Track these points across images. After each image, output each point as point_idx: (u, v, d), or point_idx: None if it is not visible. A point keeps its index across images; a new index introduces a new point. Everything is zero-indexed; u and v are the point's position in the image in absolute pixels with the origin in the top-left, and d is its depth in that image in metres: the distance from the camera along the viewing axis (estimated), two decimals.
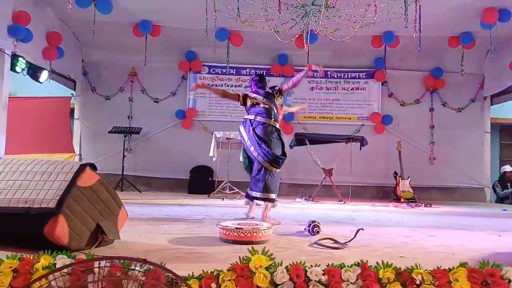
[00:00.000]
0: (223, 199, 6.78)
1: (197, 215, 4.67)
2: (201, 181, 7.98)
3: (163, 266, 1.76)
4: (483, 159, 8.39)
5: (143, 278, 1.86)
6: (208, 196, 7.23)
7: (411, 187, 7.36)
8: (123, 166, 7.68)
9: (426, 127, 8.41)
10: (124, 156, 7.76)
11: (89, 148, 8.33)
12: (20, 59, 5.99)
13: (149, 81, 8.42)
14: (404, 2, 5.24)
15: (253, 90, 4.65)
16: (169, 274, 1.75)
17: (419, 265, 2.07)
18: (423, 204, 6.75)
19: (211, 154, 7.30)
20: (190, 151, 8.12)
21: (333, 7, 5.73)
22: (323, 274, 2.00)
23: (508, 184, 8.47)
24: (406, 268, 2.04)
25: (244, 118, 4.47)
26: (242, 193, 7.30)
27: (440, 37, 7.33)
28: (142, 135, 8.08)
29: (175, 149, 8.17)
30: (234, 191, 7.27)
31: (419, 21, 5.66)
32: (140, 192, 7.64)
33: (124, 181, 7.60)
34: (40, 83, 6.66)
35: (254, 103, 4.46)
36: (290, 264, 2.04)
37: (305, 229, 3.50)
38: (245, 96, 4.58)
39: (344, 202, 6.88)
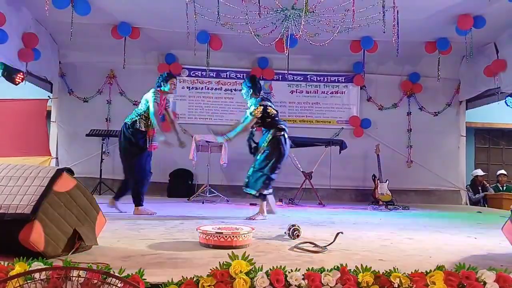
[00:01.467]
0: (203, 203, 6.75)
1: (176, 219, 4.63)
2: (181, 185, 7.94)
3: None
4: (458, 162, 8.57)
5: (122, 285, 1.83)
6: (188, 200, 7.18)
7: (389, 190, 7.46)
8: (101, 170, 7.57)
9: (404, 131, 8.55)
10: (102, 160, 7.65)
11: (66, 151, 8.18)
12: None
13: (128, 83, 8.33)
14: (382, 7, 5.32)
15: (264, 97, 5.02)
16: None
17: (397, 268, 2.10)
18: (401, 207, 6.86)
19: (190, 157, 7.27)
20: (169, 155, 8.01)
21: (313, 11, 5.78)
22: (303, 279, 2.01)
23: (480, 188, 8.68)
24: (384, 272, 2.06)
25: (283, 128, 4.89)
26: (222, 196, 7.30)
27: (417, 42, 7.47)
28: None
29: (154, 152, 8.04)
30: (214, 194, 7.25)
31: (397, 27, 5.76)
32: None
33: (102, 185, 7.49)
34: (16, 85, 6.52)
35: (275, 113, 4.93)
36: (270, 269, 2.05)
37: (285, 232, 3.50)
38: (265, 108, 4.77)
39: (324, 205, 6.92)
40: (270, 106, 4.88)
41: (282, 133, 4.88)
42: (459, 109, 8.65)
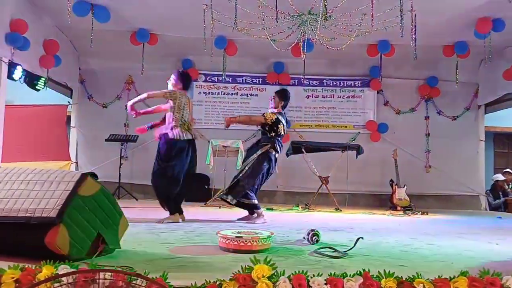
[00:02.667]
0: (219, 207, 6.77)
1: (195, 223, 4.66)
2: (197, 189, 7.96)
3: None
4: (477, 167, 8.45)
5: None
6: (204, 204, 7.21)
7: (407, 195, 7.39)
8: (119, 174, 7.66)
9: (422, 135, 8.47)
10: (120, 164, 7.74)
11: (86, 156, 8.30)
12: (18, 67, 5.99)
13: (145, 89, 8.35)
14: (400, 11, 5.29)
15: (283, 112, 5.11)
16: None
17: (420, 274, 2.09)
18: (420, 212, 6.78)
19: (207, 162, 7.31)
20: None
21: (330, 16, 5.78)
22: (326, 284, 2.01)
23: (500, 193, 8.52)
24: (407, 277, 2.05)
25: (277, 150, 5.00)
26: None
27: (435, 46, 7.41)
28: (138, 143, 8.07)
29: None
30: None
31: (414, 30, 5.72)
32: (137, 200, 7.61)
33: (120, 189, 7.57)
34: (37, 91, 6.65)
35: (281, 133, 5.05)
36: (292, 274, 2.05)
37: (304, 237, 3.50)
38: (278, 121, 4.89)
39: (341, 210, 6.89)
40: (283, 124, 5.07)
41: (274, 152, 5.03)
42: (478, 113, 8.54)
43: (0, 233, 2.52)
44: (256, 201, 4.97)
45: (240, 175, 4.96)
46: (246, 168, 4.94)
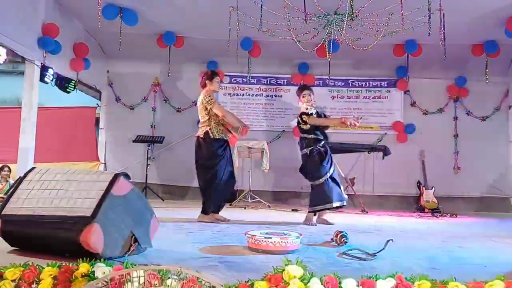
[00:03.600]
0: (245, 208, 6.80)
1: (221, 223, 4.69)
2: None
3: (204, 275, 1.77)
4: (508, 169, 8.22)
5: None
6: (230, 205, 7.24)
7: (435, 197, 7.26)
8: (146, 175, 7.78)
9: (450, 136, 8.30)
10: (147, 165, 7.86)
11: (114, 157, 8.45)
12: (49, 70, 6.16)
13: (171, 91, 8.54)
14: (428, 10, 5.21)
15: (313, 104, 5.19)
16: (208, 282, 1.76)
17: (455, 277, 2.06)
18: (448, 214, 6.66)
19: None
20: None
21: (356, 16, 5.74)
22: (358, 286, 2.00)
23: None
24: (441, 281, 2.02)
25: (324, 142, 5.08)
26: (264, 202, 7.34)
27: (464, 45, 7.26)
28: (164, 144, 8.18)
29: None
30: (256, 200, 7.29)
31: (443, 30, 5.63)
32: (163, 200, 7.71)
33: (147, 189, 7.69)
34: (68, 93, 6.82)
35: None
36: (324, 275, 2.05)
37: (332, 239, 3.49)
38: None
39: (367, 212, 6.82)
40: None
41: None
42: (509, 114, 8.30)
43: (38, 232, 2.60)
44: None
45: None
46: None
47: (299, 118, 5.07)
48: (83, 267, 2.09)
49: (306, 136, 5.06)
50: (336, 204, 4.83)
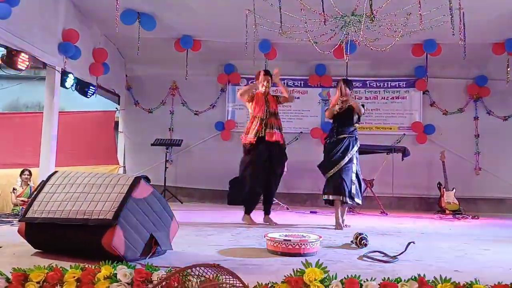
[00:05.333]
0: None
1: (240, 226, 4.70)
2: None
3: (234, 273, 1.77)
4: None
5: None
6: None
7: (456, 198, 7.14)
8: (165, 178, 7.84)
9: (471, 136, 8.15)
10: (166, 168, 7.92)
11: (133, 160, 8.55)
12: (69, 75, 6.26)
13: (189, 94, 8.60)
14: (450, 9, 5.13)
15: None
16: (236, 280, 1.76)
17: (478, 280, 2.02)
18: (470, 216, 6.54)
19: None
20: (229, 163, 8.15)
21: (375, 17, 5.69)
22: None
23: None
24: (465, 283, 1.99)
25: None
26: (282, 204, 7.32)
27: (484, 44, 7.13)
28: (183, 147, 8.23)
29: (214, 160, 8.27)
30: (274, 202, 7.26)
31: (463, 29, 5.54)
32: (182, 203, 7.76)
33: (166, 192, 7.74)
34: (87, 98, 6.93)
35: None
36: (344, 278, 2.04)
37: (351, 241, 3.46)
38: None
39: (387, 214, 6.74)
40: None
41: None
42: None
43: (60, 234, 2.64)
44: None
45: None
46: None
47: None
48: (106, 269, 2.12)
49: None
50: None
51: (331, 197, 4.80)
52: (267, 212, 5.10)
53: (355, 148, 4.90)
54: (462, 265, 2.75)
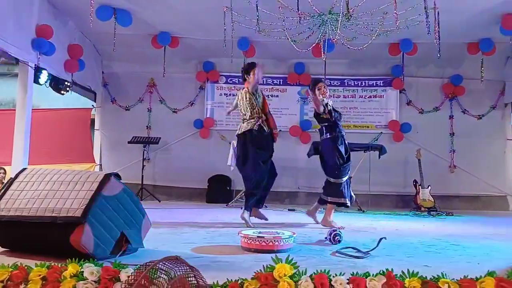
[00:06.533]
0: (241, 208, 6.76)
1: (217, 224, 4.68)
2: (219, 191, 8.01)
3: (194, 267, 1.76)
4: (505, 167, 8.22)
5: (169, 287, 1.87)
6: (226, 206, 7.25)
7: (431, 195, 7.25)
8: (142, 176, 7.75)
9: (446, 135, 8.29)
10: (143, 166, 7.84)
11: (109, 158, 8.43)
12: (43, 71, 6.14)
13: (167, 91, 8.52)
14: (425, 8, 5.21)
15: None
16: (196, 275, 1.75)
17: (445, 274, 2.05)
18: (444, 213, 6.65)
19: (229, 163, 7.34)
20: (208, 161, 8.17)
21: (351, 16, 5.74)
22: (348, 283, 1.99)
23: None
24: (432, 277, 2.02)
25: (342, 133, 4.90)
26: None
27: (459, 43, 7.26)
28: (160, 145, 8.16)
29: (193, 158, 8.23)
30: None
31: (438, 28, 5.63)
32: (160, 201, 7.69)
33: (143, 190, 7.66)
34: (62, 95, 6.80)
35: None
36: (314, 273, 2.04)
37: (326, 238, 3.48)
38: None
39: (363, 211, 6.81)
40: None
41: None
42: (505, 112, 8.30)
43: (28, 232, 2.59)
44: None
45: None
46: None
47: None
48: (72, 267, 2.08)
49: None
50: None
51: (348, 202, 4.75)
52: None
53: None
54: (431, 260, 2.80)
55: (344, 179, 4.68)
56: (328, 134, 4.79)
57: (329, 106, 4.76)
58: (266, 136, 4.80)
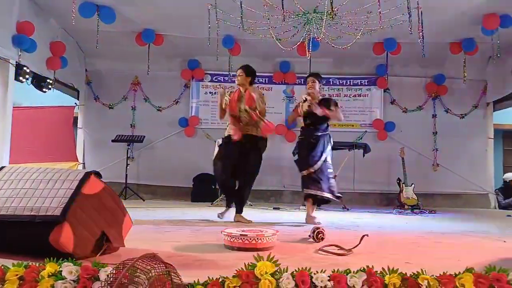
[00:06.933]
0: None
1: (201, 222, 4.66)
2: (204, 189, 7.98)
3: (171, 264, 1.74)
4: (486, 165, 8.36)
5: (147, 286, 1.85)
6: (211, 204, 7.22)
7: (414, 193, 7.33)
8: (126, 175, 7.69)
9: (429, 134, 8.40)
10: (127, 165, 7.77)
11: (93, 157, 8.34)
12: (24, 68, 6.04)
13: (152, 89, 8.46)
14: (408, 8, 5.26)
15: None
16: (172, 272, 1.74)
17: (425, 270, 2.07)
18: (427, 211, 6.74)
19: None
20: (193, 159, 8.14)
21: (335, 14, 5.76)
22: (329, 280, 1.99)
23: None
24: (412, 274, 2.03)
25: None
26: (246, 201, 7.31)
27: (442, 43, 7.35)
28: (145, 144, 8.10)
29: (178, 157, 8.19)
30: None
31: (421, 28, 5.69)
32: (144, 200, 7.64)
33: (127, 189, 7.60)
34: (44, 92, 6.70)
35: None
36: (295, 270, 2.04)
37: (309, 235, 3.48)
38: None
39: (348, 209, 6.86)
40: None
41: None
42: (487, 111, 8.45)
43: (6, 232, 2.53)
44: None
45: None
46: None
47: None
48: (50, 266, 2.04)
49: None
50: None
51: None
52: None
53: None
54: (413, 257, 2.82)
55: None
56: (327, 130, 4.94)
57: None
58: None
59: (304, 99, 4.88)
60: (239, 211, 4.87)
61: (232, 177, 4.85)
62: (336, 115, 4.87)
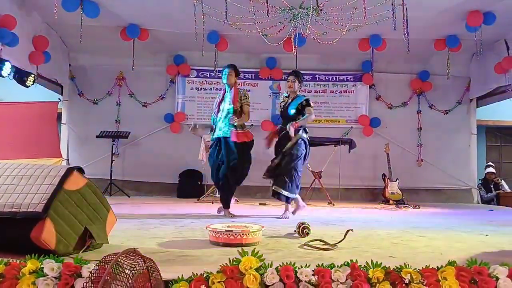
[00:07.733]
0: (212, 203, 6.74)
1: (186, 218, 4.64)
2: (190, 185, 7.95)
3: (151, 259, 1.73)
4: (469, 161, 8.48)
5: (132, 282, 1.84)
6: (197, 200, 7.20)
7: (399, 189, 7.41)
8: (111, 171, 7.62)
9: (414, 129, 8.49)
10: (112, 161, 7.69)
11: (77, 153, 8.24)
12: (6, 63, 5.92)
13: (137, 85, 8.38)
14: (392, 5, 5.28)
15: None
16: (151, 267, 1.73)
17: (408, 264, 2.09)
18: (412, 206, 6.81)
19: (200, 158, 7.29)
20: (179, 155, 8.10)
21: (321, 10, 5.77)
22: (313, 275, 2.00)
23: (492, 186, 8.54)
24: (395, 267, 2.05)
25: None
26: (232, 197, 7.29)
27: (426, 40, 7.41)
28: (130, 140, 8.03)
29: (164, 153, 8.14)
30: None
31: (406, 24, 5.72)
32: (129, 196, 7.58)
33: (112, 186, 7.53)
34: (27, 87, 6.59)
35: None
36: (280, 265, 2.04)
37: (294, 231, 3.49)
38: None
39: (333, 205, 6.89)
40: None
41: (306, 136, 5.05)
42: (470, 107, 8.56)
43: None
44: None
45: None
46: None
47: None
48: (31, 263, 2.01)
49: None
50: None
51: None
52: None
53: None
54: (397, 251, 2.85)
55: None
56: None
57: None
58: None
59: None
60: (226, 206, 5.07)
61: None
62: (308, 121, 4.97)
